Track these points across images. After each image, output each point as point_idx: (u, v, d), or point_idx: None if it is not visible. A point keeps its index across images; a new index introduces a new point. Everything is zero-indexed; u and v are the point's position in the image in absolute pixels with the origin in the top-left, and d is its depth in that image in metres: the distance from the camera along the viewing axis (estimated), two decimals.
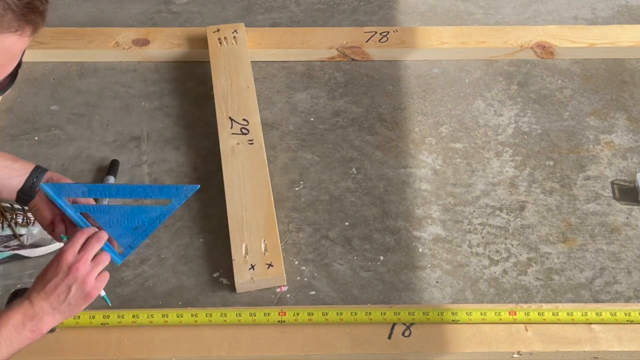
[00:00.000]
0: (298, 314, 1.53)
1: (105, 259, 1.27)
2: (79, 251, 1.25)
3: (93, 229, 1.29)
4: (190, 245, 1.73)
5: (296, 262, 1.70)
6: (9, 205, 1.64)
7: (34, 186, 1.35)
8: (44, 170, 1.36)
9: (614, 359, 1.51)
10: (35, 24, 1.05)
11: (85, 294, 1.24)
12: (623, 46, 2.18)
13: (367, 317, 1.53)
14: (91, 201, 1.34)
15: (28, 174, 1.35)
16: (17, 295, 1.45)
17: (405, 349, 1.50)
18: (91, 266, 1.25)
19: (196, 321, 1.52)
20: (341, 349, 1.50)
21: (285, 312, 1.53)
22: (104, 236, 1.29)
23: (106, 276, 1.27)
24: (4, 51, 1.05)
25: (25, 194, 1.36)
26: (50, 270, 1.24)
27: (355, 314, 1.53)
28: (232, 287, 1.63)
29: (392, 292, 1.65)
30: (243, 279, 1.61)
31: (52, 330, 1.48)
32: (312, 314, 1.53)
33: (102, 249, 1.28)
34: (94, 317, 1.51)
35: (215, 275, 1.67)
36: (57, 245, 1.68)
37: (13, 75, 1.12)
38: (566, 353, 1.50)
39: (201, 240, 1.74)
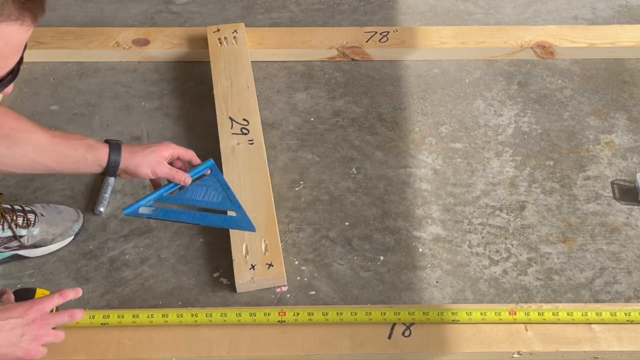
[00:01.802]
0: (298, 314, 1.53)
1: (60, 336, 1.31)
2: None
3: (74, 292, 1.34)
4: (190, 245, 1.73)
5: (296, 262, 1.70)
6: (9, 206, 1.64)
7: (114, 170, 1.48)
8: (118, 160, 1.47)
9: (614, 359, 1.51)
10: (35, 13, 1.07)
11: (27, 349, 1.26)
12: (623, 46, 2.18)
13: (367, 317, 1.53)
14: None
15: (104, 166, 1.47)
16: (17, 295, 1.45)
17: (405, 349, 1.50)
18: (48, 331, 1.28)
19: (196, 321, 1.52)
20: (341, 349, 1.50)
21: (285, 312, 1.53)
22: (78, 314, 1.34)
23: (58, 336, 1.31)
24: (6, 41, 1.05)
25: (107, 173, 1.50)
26: (17, 308, 1.27)
27: (355, 314, 1.53)
28: (232, 287, 1.63)
29: (392, 292, 1.65)
30: (243, 279, 1.61)
31: None
32: (312, 314, 1.53)
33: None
34: (94, 317, 1.51)
35: (215, 275, 1.67)
36: (57, 245, 1.69)
37: (15, 72, 1.13)
38: (566, 353, 1.50)
39: (201, 240, 1.74)
